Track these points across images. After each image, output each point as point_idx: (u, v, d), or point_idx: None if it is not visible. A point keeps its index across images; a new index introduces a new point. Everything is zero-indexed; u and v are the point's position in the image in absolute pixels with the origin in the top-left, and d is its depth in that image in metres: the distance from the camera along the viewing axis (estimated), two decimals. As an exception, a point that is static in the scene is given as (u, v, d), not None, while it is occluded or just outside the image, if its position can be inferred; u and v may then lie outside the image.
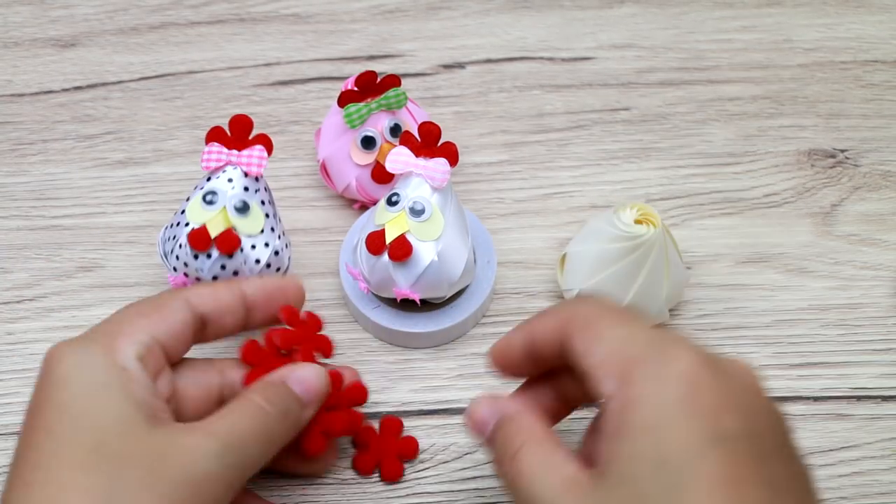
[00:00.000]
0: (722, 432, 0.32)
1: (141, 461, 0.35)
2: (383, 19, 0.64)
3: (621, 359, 0.34)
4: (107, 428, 0.35)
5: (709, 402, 0.33)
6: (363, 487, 0.46)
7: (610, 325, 0.36)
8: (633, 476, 0.32)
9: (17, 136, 0.59)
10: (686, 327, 0.51)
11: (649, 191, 0.56)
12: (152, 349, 0.38)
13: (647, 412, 0.33)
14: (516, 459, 0.36)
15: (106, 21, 0.64)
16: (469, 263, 0.48)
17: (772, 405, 0.35)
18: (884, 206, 0.56)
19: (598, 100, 0.60)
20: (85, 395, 0.36)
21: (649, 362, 0.34)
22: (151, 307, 0.40)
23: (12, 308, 0.52)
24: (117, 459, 0.34)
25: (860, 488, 0.46)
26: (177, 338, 0.40)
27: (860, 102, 0.60)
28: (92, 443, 0.35)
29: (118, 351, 0.37)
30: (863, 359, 0.50)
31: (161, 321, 0.39)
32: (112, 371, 0.37)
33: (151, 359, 0.38)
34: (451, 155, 0.47)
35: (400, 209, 0.47)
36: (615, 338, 0.35)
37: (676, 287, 0.49)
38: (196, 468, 0.35)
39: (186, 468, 0.35)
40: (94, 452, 0.35)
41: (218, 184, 0.46)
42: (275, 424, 0.39)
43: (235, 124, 0.47)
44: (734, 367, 0.35)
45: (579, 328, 0.36)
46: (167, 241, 0.46)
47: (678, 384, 0.33)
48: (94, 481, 0.34)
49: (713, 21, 0.64)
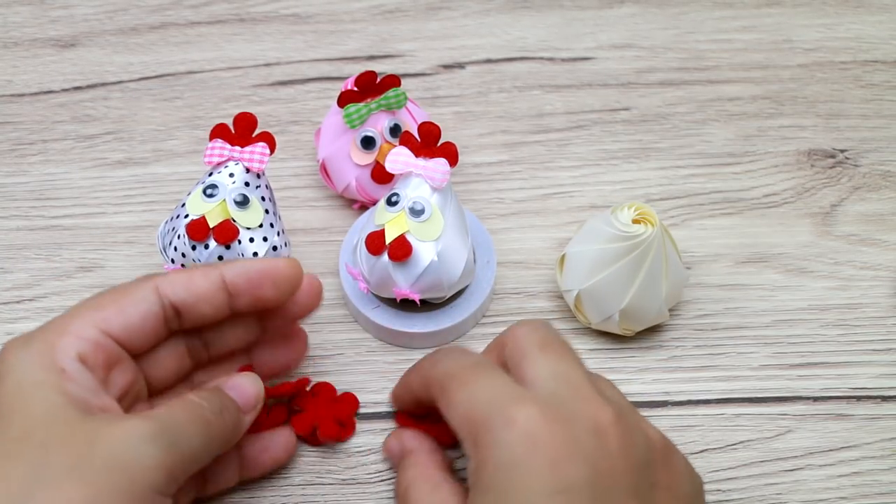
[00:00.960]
0: (564, 483, 0.34)
1: (68, 448, 0.34)
2: (383, 19, 0.64)
3: (470, 423, 0.37)
4: (35, 419, 0.35)
5: (549, 455, 0.35)
6: (363, 487, 0.46)
7: (459, 389, 0.38)
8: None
9: (17, 136, 0.59)
10: (686, 327, 0.51)
11: (649, 191, 0.56)
12: (100, 345, 0.38)
13: (493, 474, 0.35)
14: (407, 495, 0.40)
15: (106, 21, 0.64)
16: (469, 264, 0.48)
17: (627, 442, 0.36)
18: (883, 206, 0.56)
19: (598, 100, 0.60)
20: (16, 393, 0.36)
21: (490, 427, 0.36)
22: (110, 299, 0.39)
23: (12, 308, 0.52)
24: (43, 447, 0.34)
25: (860, 488, 0.46)
26: (138, 330, 0.39)
27: (860, 102, 0.60)
28: (18, 433, 0.34)
29: (58, 350, 0.37)
30: (862, 359, 0.50)
31: (118, 314, 0.38)
32: (47, 370, 0.36)
33: (99, 355, 0.38)
34: (450, 155, 0.47)
35: (400, 209, 0.47)
36: (462, 402, 0.38)
37: (676, 287, 0.49)
38: (127, 453, 0.34)
39: (116, 453, 0.34)
40: (19, 442, 0.34)
41: (219, 178, 0.47)
42: (211, 417, 0.38)
43: (240, 121, 0.47)
44: (582, 411, 0.37)
45: (438, 394, 0.40)
46: (167, 234, 0.47)
47: (517, 445, 0.35)
48: (17, 469, 0.33)
49: (713, 21, 0.64)
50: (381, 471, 0.47)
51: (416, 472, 0.41)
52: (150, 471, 0.35)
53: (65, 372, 0.36)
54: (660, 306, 0.48)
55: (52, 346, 0.37)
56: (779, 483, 0.46)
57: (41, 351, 0.37)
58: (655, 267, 0.47)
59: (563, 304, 0.51)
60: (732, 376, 0.50)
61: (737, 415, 0.48)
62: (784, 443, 0.47)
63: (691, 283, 0.52)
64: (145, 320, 0.39)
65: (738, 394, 0.49)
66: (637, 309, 0.48)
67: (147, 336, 0.39)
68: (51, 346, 0.37)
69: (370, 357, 0.50)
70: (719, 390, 0.49)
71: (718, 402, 0.48)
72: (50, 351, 0.37)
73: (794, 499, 0.46)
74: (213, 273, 0.40)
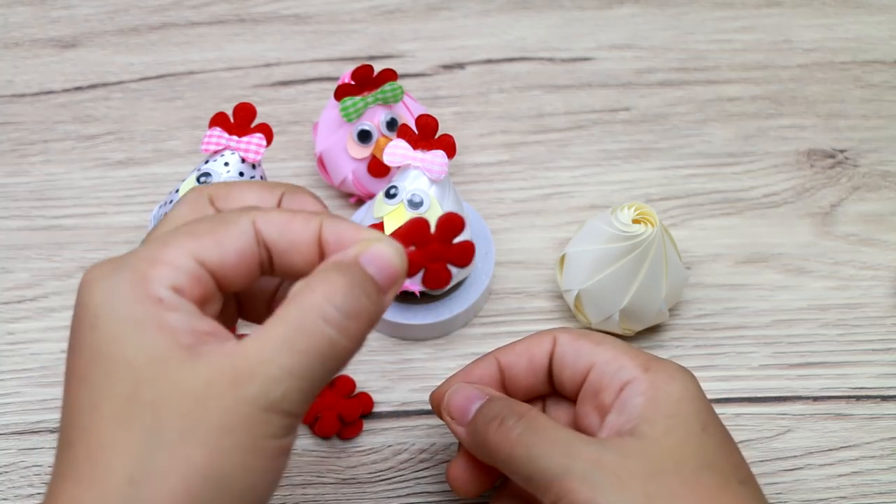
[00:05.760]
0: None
1: (180, 407, 0.31)
2: (383, 19, 0.64)
3: (635, 356, 0.39)
4: (140, 372, 0.31)
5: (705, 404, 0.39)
6: (363, 487, 0.46)
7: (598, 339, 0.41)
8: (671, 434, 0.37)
9: (18, 137, 0.59)
10: (685, 327, 0.51)
11: (649, 191, 0.56)
12: (196, 277, 0.33)
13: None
14: (528, 418, 0.38)
15: (106, 21, 0.64)
16: (468, 256, 0.48)
17: None
18: (883, 206, 0.56)
19: (598, 100, 0.60)
20: (116, 336, 0.32)
21: (661, 360, 0.39)
22: (207, 228, 0.34)
23: (13, 308, 0.52)
24: (153, 409, 0.31)
25: (859, 488, 0.46)
26: (234, 266, 0.34)
27: (859, 103, 0.60)
28: (127, 391, 0.31)
29: (151, 280, 0.32)
30: (862, 359, 0.50)
31: (216, 245, 0.33)
32: (145, 303, 0.32)
33: (196, 288, 0.33)
34: (448, 147, 0.47)
35: (398, 202, 0.47)
36: (619, 343, 0.40)
37: (676, 287, 0.49)
38: (240, 408, 0.31)
39: (228, 408, 0.31)
40: (129, 402, 0.31)
41: (214, 166, 0.47)
42: (337, 336, 0.32)
43: (239, 111, 0.48)
44: None
45: (573, 337, 0.41)
46: (159, 219, 0.47)
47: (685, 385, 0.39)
48: (132, 437, 0.31)
49: (713, 21, 0.64)
50: (381, 471, 0.47)
51: (522, 408, 0.39)
52: (266, 423, 0.31)
53: (162, 301, 0.32)
54: (660, 306, 0.48)
55: (143, 277, 0.32)
56: (778, 483, 0.46)
57: (133, 281, 0.32)
58: (655, 267, 0.47)
59: (563, 304, 0.52)
60: (732, 376, 0.50)
61: (736, 414, 0.48)
62: (784, 442, 0.47)
63: (691, 283, 0.52)
64: (242, 257, 0.34)
65: (737, 393, 0.49)
66: (637, 309, 0.48)
67: (240, 274, 0.34)
68: (142, 276, 0.32)
69: (370, 357, 0.50)
70: (719, 390, 0.49)
71: (718, 402, 0.48)
72: (143, 281, 0.32)
73: (794, 498, 0.46)
74: (312, 223, 0.34)
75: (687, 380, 0.38)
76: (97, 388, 0.32)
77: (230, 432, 0.31)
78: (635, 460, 0.36)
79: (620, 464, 0.35)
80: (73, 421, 0.32)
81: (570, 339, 0.41)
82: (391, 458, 0.47)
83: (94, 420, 0.31)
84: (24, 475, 0.46)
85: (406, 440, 0.48)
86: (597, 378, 0.39)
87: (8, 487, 0.46)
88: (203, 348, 0.32)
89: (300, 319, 0.32)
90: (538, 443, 0.37)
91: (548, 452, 0.36)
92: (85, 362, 0.32)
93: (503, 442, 0.38)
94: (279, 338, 0.32)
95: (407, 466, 0.47)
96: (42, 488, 0.46)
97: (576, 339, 0.41)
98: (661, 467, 0.35)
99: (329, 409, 0.47)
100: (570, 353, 0.41)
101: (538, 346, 0.42)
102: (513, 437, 0.37)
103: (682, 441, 0.36)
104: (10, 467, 0.47)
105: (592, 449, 0.36)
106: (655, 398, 0.37)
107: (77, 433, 0.32)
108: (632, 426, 0.37)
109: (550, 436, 0.37)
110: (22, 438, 0.47)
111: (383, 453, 0.47)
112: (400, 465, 0.47)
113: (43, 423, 0.48)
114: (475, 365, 0.42)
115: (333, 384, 0.48)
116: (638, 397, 0.38)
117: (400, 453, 0.47)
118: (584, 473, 0.35)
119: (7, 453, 0.47)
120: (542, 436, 0.37)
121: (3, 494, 0.46)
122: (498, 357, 0.42)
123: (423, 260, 0.36)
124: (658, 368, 0.38)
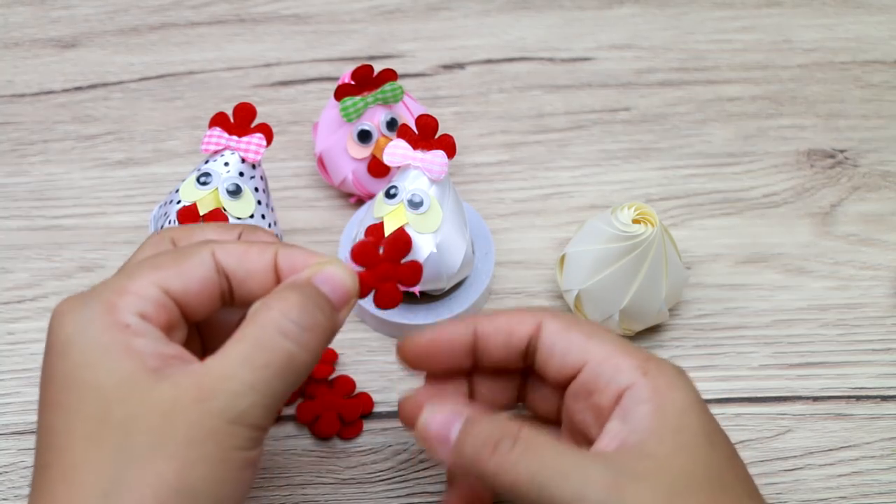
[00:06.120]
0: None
1: (147, 423, 0.33)
2: (383, 19, 0.64)
3: (631, 355, 0.37)
4: (109, 394, 0.33)
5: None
6: (363, 487, 0.46)
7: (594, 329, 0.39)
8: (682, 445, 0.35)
9: (18, 137, 0.59)
10: (685, 327, 0.51)
11: (649, 191, 0.56)
12: (161, 305, 0.35)
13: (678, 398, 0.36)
14: (524, 440, 0.35)
15: (106, 21, 0.64)
16: (467, 255, 0.48)
17: None
18: (883, 206, 0.56)
19: (598, 100, 0.60)
20: (86, 363, 0.34)
21: (656, 360, 0.37)
22: (170, 259, 0.36)
23: (13, 308, 0.52)
24: (122, 428, 0.33)
25: (859, 488, 0.46)
26: (196, 294, 0.36)
27: (859, 103, 0.60)
28: (97, 412, 0.33)
29: (119, 309, 0.34)
30: (862, 359, 0.50)
31: (178, 275, 0.35)
32: (112, 330, 0.34)
33: (161, 315, 0.35)
34: (448, 147, 0.47)
35: (398, 201, 0.47)
36: (612, 338, 0.38)
37: (676, 287, 0.49)
38: (206, 421, 0.33)
39: (195, 422, 0.32)
40: (99, 422, 0.33)
41: (214, 166, 0.47)
42: (296, 349, 0.34)
43: (239, 111, 0.48)
44: None
45: (563, 326, 0.39)
46: (159, 218, 0.47)
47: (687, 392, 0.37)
48: (104, 455, 0.32)
49: (713, 21, 0.64)
50: (381, 471, 0.47)
51: (511, 429, 0.36)
52: (232, 436, 0.33)
53: (129, 327, 0.34)
54: (660, 306, 0.48)
55: (111, 306, 0.34)
56: (778, 483, 0.46)
57: (101, 311, 0.34)
58: (655, 267, 0.47)
59: (563, 304, 0.52)
60: (732, 376, 0.50)
61: (736, 414, 0.48)
62: (783, 442, 0.47)
63: (691, 283, 0.52)
64: (203, 285, 0.36)
65: (737, 393, 0.49)
66: (637, 309, 0.48)
67: (203, 302, 0.36)
68: (110, 305, 0.34)
69: (370, 357, 0.50)
70: (719, 390, 0.49)
71: (718, 402, 0.48)
72: (112, 310, 0.34)
73: (794, 498, 0.46)
74: (267, 252, 0.37)
75: (687, 386, 0.37)
76: (71, 412, 0.33)
77: (198, 445, 0.32)
78: (650, 485, 0.34)
79: (636, 490, 0.34)
80: (49, 444, 0.34)
81: (559, 328, 0.39)
82: (391, 458, 0.47)
83: (68, 442, 0.33)
84: (24, 475, 0.46)
85: (406, 440, 0.48)
86: (591, 378, 0.37)
87: (8, 487, 0.46)
88: (168, 370, 0.33)
89: (259, 336, 0.34)
90: (543, 469, 0.34)
91: (556, 480, 0.34)
92: (57, 389, 0.34)
93: (503, 469, 0.35)
94: (240, 355, 0.34)
95: (407, 466, 0.47)
96: (42, 488, 0.46)
97: (566, 330, 0.38)
98: (678, 489, 0.34)
99: (329, 409, 0.47)
100: (560, 345, 0.38)
101: (520, 325, 0.39)
102: (512, 462, 0.35)
103: (693, 459, 0.35)
104: (10, 467, 0.47)
105: (605, 474, 0.34)
106: (661, 408, 0.36)
107: (52, 455, 0.33)
108: (638, 440, 0.35)
109: (556, 460, 0.35)
110: (22, 438, 0.47)
111: (383, 453, 0.47)
112: (400, 465, 0.47)
113: (43, 423, 0.48)
114: (450, 325, 0.40)
115: (333, 384, 0.48)
116: (642, 406, 0.36)
117: (400, 453, 0.47)
118: (601, 502, 0.33)
119: (7, 453, 0.47)
120: (547, 460, 0.35)
121: (3, 494, 0.46)
122: (476, 325, 0.40)
123: (374, 281, 0.39)
124: (656, 372, 0.37)
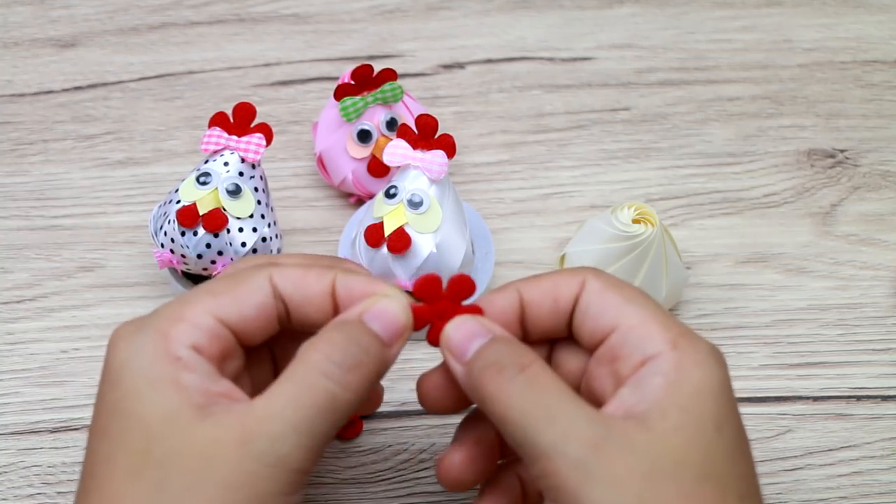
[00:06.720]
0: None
1: (186, 464, 0.33)
2: (383, 19, 0.64)
3: (665, 326, 0.35)
4: (152, 428, 0.33)
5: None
6: (363, 487, 0.46)
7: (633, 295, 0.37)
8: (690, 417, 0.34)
9: (18, 136, 0.59)
10: (685, 327, 0.51)
11: (649, 191, 0.56)
12: (216, 335, 0.35)
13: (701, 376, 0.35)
14: (530, 374, 0.34)
15: (106, 21, 0.64)
16: (467, 255, 0.48)
17: None
18: (883, 206, 0.56)
19: (598, 100, 0.60)
20: (134, 393, 0.34)
21: (692, 337, 0.35)
22: (225, 285, 0.36)
23: (12, 308, 0.52)
24: (161, 466, 0.33)
25: (859, 488, 0.46)
26: (252, 321, 0.36)
27: (860, 102, 0.60)
28: (140, 446, 0.33)
29: (172, 339, 0.34)
30: (862, 359, 0.50)
31: (233, 302, 0.35)
32: (163, 362, 0.34)
33: (215, 345, 0.35)
34: (448, 147, 0.47)
35: (398, 201, 0.47)
36: (650, 304, 0.36)
37: (676, 287, 0.49)
38: (245, 467, 0.32)
39: (233, 466, 0.32)
40: (141, 456, 0.33)
41: (213, 166, 0.47)
42: (339, 391, 0.34)
43: (239, 111, 0.48)
44: None
45: (602, 286, 0.36)
46: (159, 218, 0.47)
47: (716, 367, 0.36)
48: (142, 490, 0.33)
49: (713, 21, 0.64)
50: (381, 471, 0.47)
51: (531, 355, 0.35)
52: (271, 480, 0.33)
53: (180, 360, 0.34)
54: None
55: (165, 335, 0.34)
56: (779, 483, 0.46)
57: (155, 339, 0.34)
58: (655, 266, 0.47)
59: (563, 304, 0.52)
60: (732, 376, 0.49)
61: (737, 414, 0.48)
62: (784, 442, 0.47)
63: (691, 283, 0.52)
64: (260, 312, 0.36)
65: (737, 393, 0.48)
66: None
67: (259, 328, 0.36)
68: (164, 334, 0.34)
69: (370, 357, 0.50)
70: (719, 390, 0.49)
71: (718, 402, 0.48)
72: (164, 339, 0.34)
73: (794, 498, 0.46)
74: (325, 278, 0.37)
75: (714, 367, 0.35)
76: (115, 442, 0.34)
77: (235, 489, 0.32)
78: (636, 457, 0.32)
79: (620, 458, 0.32)
80: (92, 472, 0.34)
81: (599, 287, 0.36)
82: (391, 458, 0.47)
83: (109, 472, 0.33)
84: (23, 475, 0.46)
85: (406, 440, 0.48)
86: (618, 343, 0.35)
87: (8, 487, 0.46)
88: (214, 408, 0.33)
89: (303, 376, 0.34)
90: (534, 409, 0.33)
91: (542, 424, 0.33)
92: (105, 418, 0.34)
93: (497, 396, 0.34)
94: (284, 394, 0.34)
95: (407, 466, 0.47)
96: (42, 488, 0.46)
97: (604, 290, 0.36)
98: (662, 469, 0.33)
99: None
100: (595, 306, 0.36)
101: (566, 287, 0.37)
102: (508, 392, 0.34)
103: (690, 442, 0.33)
104: (10, 467, 0.47)
105: (593, 432, 0.33)
106: (676, 383, 0.34)
107: (94, 483, 0.34)
108: (642, 410, 0.33)
109: (550, 401, 0.33)
110: (21, 438, 0.47)
111: (383, 453, 0.47)
112: (400, 465, 0.47)
113: (42, 423, 0.48)
114: (496, 295, 0.38)
115: None
116: (657, 377, 0.34)
117: (400, 453, 0.47)
118: (578, 459, 0.32)
119: (7, 453, 0.47)
120: (542, 399, 0.33)
121: (3, 494, 0.46)
122: (521, 291, 0.37)
123: (430, 316, 0.37)
124: (687, 347, 0.35)
